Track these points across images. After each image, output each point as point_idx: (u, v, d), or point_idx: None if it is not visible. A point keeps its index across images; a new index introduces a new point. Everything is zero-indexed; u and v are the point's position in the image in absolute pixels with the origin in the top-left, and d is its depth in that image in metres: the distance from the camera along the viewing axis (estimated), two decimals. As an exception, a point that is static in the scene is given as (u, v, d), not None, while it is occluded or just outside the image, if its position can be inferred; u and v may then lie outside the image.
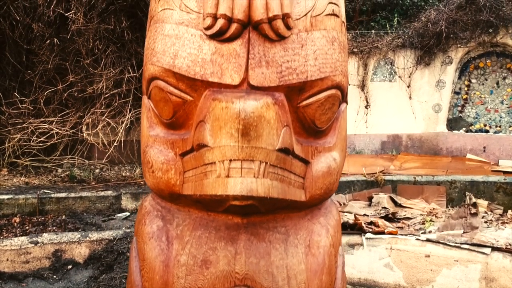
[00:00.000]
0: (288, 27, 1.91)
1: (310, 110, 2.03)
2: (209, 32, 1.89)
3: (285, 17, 1.88)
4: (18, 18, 6.22)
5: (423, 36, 7.38)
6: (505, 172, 5.89)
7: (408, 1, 14.97)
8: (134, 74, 6.39)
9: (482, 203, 5.27)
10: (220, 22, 1.86)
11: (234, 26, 1.86)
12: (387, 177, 5.78)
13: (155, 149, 2.15)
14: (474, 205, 4.55)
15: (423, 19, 7.51)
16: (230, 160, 1.76)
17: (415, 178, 5.69)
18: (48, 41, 6.22)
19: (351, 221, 4.16)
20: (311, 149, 2.11)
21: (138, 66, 6.46)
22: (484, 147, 7.38)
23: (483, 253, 3.66)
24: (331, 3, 2.07)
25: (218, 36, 1.89)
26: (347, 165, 6.79)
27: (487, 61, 7.65)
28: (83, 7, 6.04)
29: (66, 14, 5.93)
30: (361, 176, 5.94)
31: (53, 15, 6.05)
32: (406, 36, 7.57)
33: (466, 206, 4.48)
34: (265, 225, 2.08)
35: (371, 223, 4.32)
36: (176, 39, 1.97)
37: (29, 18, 6.36)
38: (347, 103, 2.37)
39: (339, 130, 2.26)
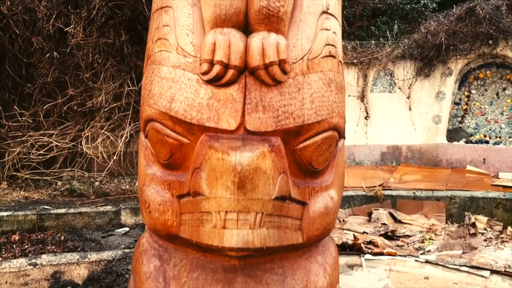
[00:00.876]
0: (285, 72, 1.91)
1: (307, 152, 2.03)
2: (206, 78, 1.89)
3: (281, 63, 1.88)
4: (18, 32, 6.23)
5: (423, 48, 7.37)
6: (504, 187, 5.88)
7: (408, 6, 14.97)
8: (134, 88, 6.39)
9: (482, 219, 5.27)
10: (217, 69, 1.86)
11: (230, 72, 1.86)
12: (387, 192, 5.77)
13: (152, 189, 2.15)
14: (473, 225, 4.54)
15: (423, 30, 7.51)
16: (226, 212, 1.76)
17: (414, 193, 5.69)
18: (48, 54, 6.23)
19: (350, 242, 4.15)
20: (308, 189, 2.10)
21: (138, 79, 6.46)
22: (484, 159, 7.37)
23: (482, 276, 3.66)
24: (328, 44, 2.07)
25: (215, 82, 1.89)
26: (347, 177, 6.78)
27: (487, 72, 7.65)
28: (83, 21, 6.04)
29: (65, 29, 5.93)
30: (360, 190, 5.94)
31: (52, 29, 6.05)
32: (406, 47, 7.56)
33: (465, 226, 4.47)
34: (262, 266, 2.07)
35: (370, 242, 4.32)
36: (173, 82, 1.97)
37: (29, 31, 6.37)
38: (344, 139, 2.36)
39: (337, 168, 2.26)
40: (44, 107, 6.41)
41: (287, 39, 1.94)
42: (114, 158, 6.26)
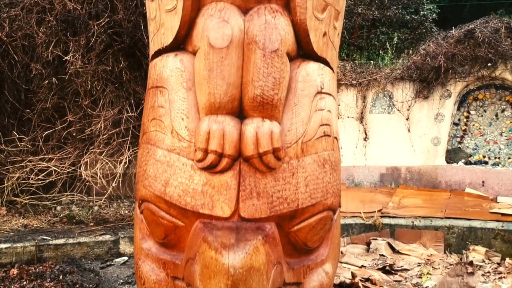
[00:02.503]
0: (279, 159, 1.91)
1: (301, 233, 2.04)
2: (200, 165, 1.90)
3: (275, 151, 1.89)
4: (17, 58, 6.24)
5: (422, 70, 7.37)
6: (503, 214, 5.88)
7: (408, 17, 14.96)
8: (133, 114, 6.40)
9: (480, 250, 5.27)
10: (211, 157, 1.87)
11: (225, 161, 1.87)
12: (385, 220, 5.78)
13: (147, 265, 2.16)
14: (471, 263, 4.55)
15: (422, 51, 7.51)
16: (220, 308, 1.77)
17: (413, 222, 5.69)
18: (47, 81, 6.24)
19: (347, 281, 4.16)
20: (303, 268, 2.11)
21: (137, 105, 6.47)
22: (483, 182, 7.37)
23: (480, 319, 3.66)
24: (323, 125, 2.08)
25: (210, 169, 1.90)
26: (345, 201, 6.77)
27: (486, 93, 7.65)
28: (81, 48, 6.05)
29: (64, 58, 5.94)
30: (359, 217, 5.94)
31: (51, 56, 6.07)
32: (405, 68, 7.57)
33: (463, 264, 4.48)
34: None
35: (367, 279, 4.32)
36: (168, 166, 1.98)
37: (28, 57, 6.39)
38: (340, 206, 2.37)
39: (332, 240, 2.27)
40: (44, 134, 6.41)
41: (282, 124, 1.94)
42: (113, 185, 6.27)
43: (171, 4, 1.99)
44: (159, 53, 2.16)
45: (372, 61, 8.49)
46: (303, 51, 2.06)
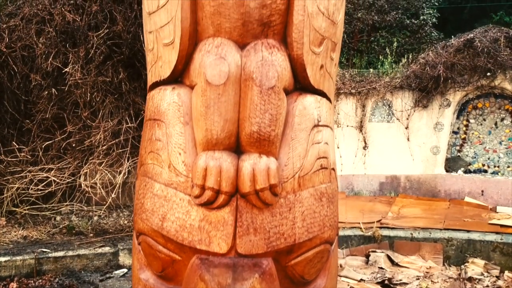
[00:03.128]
0: (276, 195, 1.92)
1: (299, 267, 2.05)
2: (198, 202, 1.90)
3: (272, 187, 1.89)
4: (16, 69, 6.25)
5: (421, 79, 7.38)
6: (502, 226, 5.89)
7: (408, 21, 14.95)
8: (132, 124, 6.40)
9: (479, 262, 5.28)
10: (208, 194, 1.87)
11: (222, 198, 1.88)
12: (385, 232, 5.78)
13: (145, 296, 2.16)
14: (470, 279, 4.56)
15: (421, 60, 7.51)
16: None
17: (412, 234, 5.70)
18: (46, 92, 6.24)
19: (346, 297, 4.17)
20: (300, 301, 2.12)
21: (136, 116, 6.47)
22: (482, 191, 7.37)
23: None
24: (320, 158, 2.08)
25: (206, 205, 1.90)
26: (344, 211, 6.79)
27: (486, 102, 7.66)
28: (81, 60, 6.06)
29: (64, 70, 5.95)
30: (358, 228, 5.95)
31: (51, 67, 6.07)
32: (404, 77, 7.58)
33: (461, 280, 4.49)
34: None
35: (366, 294, 4.33)
36: (165, 201, 1.99)
37: (27, 68, 6.39)
38: (337, 235, 2.37)
39: (330, 270, 2.27)
40: (43, 144, 6.42)
41: (279, 158, 1.95)
42: (113, 195, 6.27)
43: (169, 38, 2.00)
44: (156, 84, 2.17)
45: (371, 70, 8.49)
46: (300, 84, 2.07)
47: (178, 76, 2.06)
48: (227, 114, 1.88)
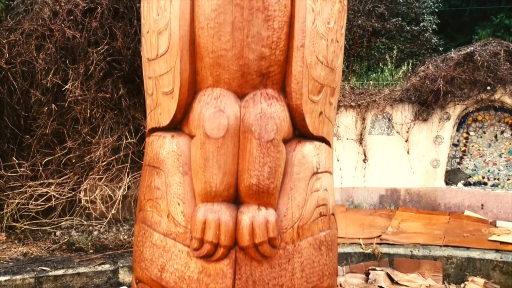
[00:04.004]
0: (275, 247, 1.92)
1: None
2: (196, 254, 1.90)
3: (271, 240, 1.89)
4: (16, 85, 6.25)
5: (421, 92, 7.38)
6: (501, 243, 5.89)
7: (408, 27, 14.95)
8: (132, 140, 6.40)
9: (479, 281, 5.28)
10: (207, 247, 1.87)
11: (220, 251, 1.88)
12: (384, 249, 5.78)
13: None
14: (469, 302, 4.56)
15: (421, 74, 7.51)
16: None
17: (411, 251, 5.70)
18: (46, 108, 6.25)
19: (346, 320, 4.16)
20: None
21: (136, 132, 6.47)
22: (482, 205, 7.37)
23: None
24: (319, 206, 2.08)
25: (205, 258, 1.90)
26: (344, 225, 6.79)
27: (485, 115, 7.65)
28: (80, 77, 6.06)
29: (64, 88, 5.95)
30: (357, 244, 5.95)
31: (51, 84, 6.08)
32: (404, 90, 7.58)
33: (461, 302, 4.49)
34: None
35: (366, 317, 4.33)
36: (164, 251, 1.99)
37: (27, 83, 6.40)
38: (336, 284, 2.37)
39: (328, 314, 2.27)
40: (43, 160, 6.42)
41: (278, 209, 1.95)
42: (113, 211, 6.27)
43: (168, 87, 2.00)
44: (155, 129, 2.17)
45: (371, 81, 8.50)
46: (299, 131, 2.07)
47: (177, 123, 2.06)
48: (226, 166, 1.88)
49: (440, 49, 15.67)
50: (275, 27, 1.90)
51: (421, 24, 15.06)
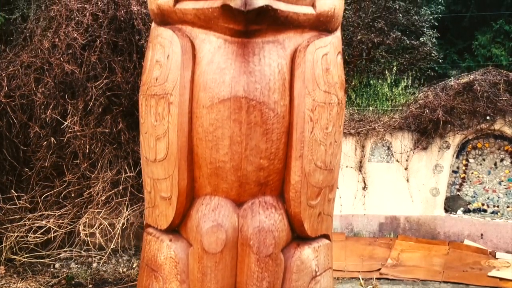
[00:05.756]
0: None
1: None
2: None
3: None
4: (15, 119, 6.25)
5: (420, 120, 7.37)
6: (501, 279, 5.89)
7: (408, 42, 14.94)
8: (131, 173, 6.40)
9: (478, 320, 5.27)
10: None
11: None
12: (384, 286, 5.78)
13: None
14: None
15: (421, 102, 7.51)
16: None
17: (411, 288, 5.70)
18: (45, 142, 6.24)
19: None
20: None
21: (135, 165, 6.46)
22: (482, 234, 7.37)
23: None
24: None
25: None
26: (344, 257, 6.78)
27: (485, 143, 7.65)
28: (79, 112, 6.06)
29: (63, 125, 5.95)
30: (357, 282, 5.94)
31: (50, 120, 6.07)
32: (403, 118, 7.57)
33: None
34: None
35: None
36: None
37: (26, 116, 6.40)
38: None
39: None
40: (42, 193, 6.42)
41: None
42: (112, 246, 6.27)
43: (166, 193, 2.00)
44: (153, 227, 2.16)
45: (370, 107, 8.49)
46: (297, 234, 2.06)
47: (175, 227, 2.05)
48: (224, 280, 1.88)
49: (440, 61, 15.70)
50: (274, 139, 1.90)
51: (421, 39, 15.04)
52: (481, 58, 16.23)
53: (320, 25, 2.03)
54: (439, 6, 16.15)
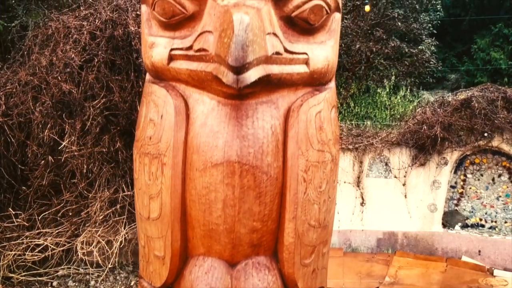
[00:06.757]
0: None
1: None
2: None
3: None
4: (13, 138, 6.25)
5: (418, 136, 7.37)
6: (499, 299, 5.90)
7: (407, 50, 14.94)
8: (129, 192, 6.40)
9: None
10: None
11: None
12: (381, 307, 5.78)
13: None
14: None
15: (418, 117, 7.51)
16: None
17: (409, 309, 5.70)
18: (43, 161, 6.24)
19: None
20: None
21: (132, 183, 6.44)
22: (479, 251, 7.37)
23: None
24: None
25: None
26: (342, 274, 6.79)
27: (483, 158, 7.66)
28: (77, 132, 6.06)
29: (60, 146, 5.95)
30: (355, 300, 5.95)
31: (47, 139, 6.07)
32: (401, 133, 7.57)
33: None
34: None
35: None
36: None
37: (24, 135, 6.40)
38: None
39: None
40: (40, 211, 6.41)
41: None
42: (109, 266, 6.26)
43: (159, 252, 2.00)
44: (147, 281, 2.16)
45: (369, 122, 8.49)
46: (292, 292, 2.06)
47: (169, 285, 2.05)
48: None
49: (440, 67, 15.71)
50: (267, 201, 1.90)
51: (420, 47, 15.04)
52: (480, 62, 16.25)
53: (314, 81, 2.03)
54: (438, 13, 16.17)
